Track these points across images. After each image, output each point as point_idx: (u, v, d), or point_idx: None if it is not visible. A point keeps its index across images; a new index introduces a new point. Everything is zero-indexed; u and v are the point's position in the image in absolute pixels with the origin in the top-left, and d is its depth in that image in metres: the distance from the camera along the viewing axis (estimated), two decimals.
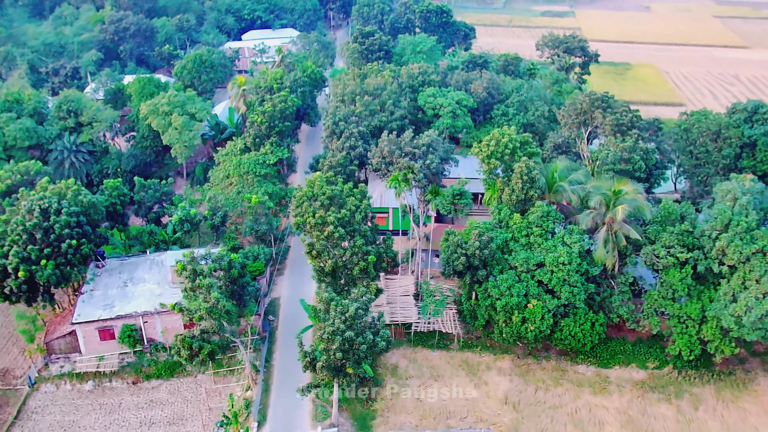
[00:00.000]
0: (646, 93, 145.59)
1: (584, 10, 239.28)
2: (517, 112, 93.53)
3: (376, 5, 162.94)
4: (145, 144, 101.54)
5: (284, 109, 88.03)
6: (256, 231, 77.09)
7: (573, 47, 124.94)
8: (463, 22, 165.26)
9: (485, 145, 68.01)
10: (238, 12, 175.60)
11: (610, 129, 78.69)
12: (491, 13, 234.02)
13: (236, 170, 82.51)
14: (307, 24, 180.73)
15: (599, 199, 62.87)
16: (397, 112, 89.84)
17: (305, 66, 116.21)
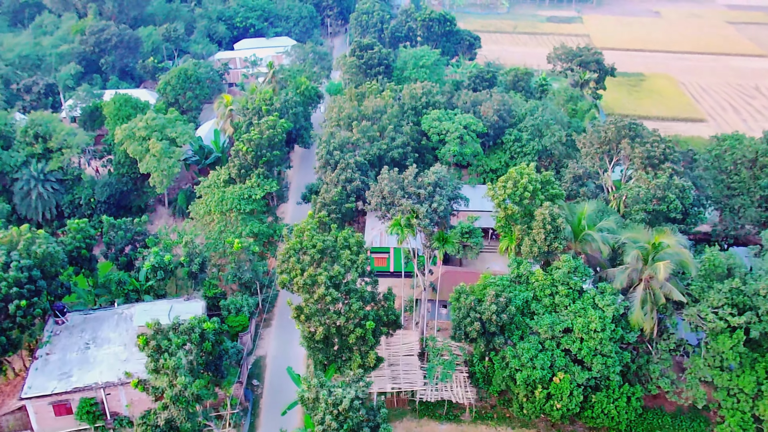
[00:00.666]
0: (664, 107, 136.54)
1: (591, 15, 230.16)
2: (531, 138, 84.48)
3: (375, 13, 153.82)
4: (122, 171, 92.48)
5: (273, 137, 78.96)
6: (239, 278, 68.02)
7: (588, 60, 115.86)
8: (468, 30, 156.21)
9: (501, 187, 58.91)
10: (230, 20, 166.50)
11: (639, 162, 69.59)
12: (495, 18, 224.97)
13: (218, 207, 73.40)
14: (303, 32, 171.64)
15: (636, 254, 53.77)
16: (398, 138, 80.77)
17: (299, 82, 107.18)
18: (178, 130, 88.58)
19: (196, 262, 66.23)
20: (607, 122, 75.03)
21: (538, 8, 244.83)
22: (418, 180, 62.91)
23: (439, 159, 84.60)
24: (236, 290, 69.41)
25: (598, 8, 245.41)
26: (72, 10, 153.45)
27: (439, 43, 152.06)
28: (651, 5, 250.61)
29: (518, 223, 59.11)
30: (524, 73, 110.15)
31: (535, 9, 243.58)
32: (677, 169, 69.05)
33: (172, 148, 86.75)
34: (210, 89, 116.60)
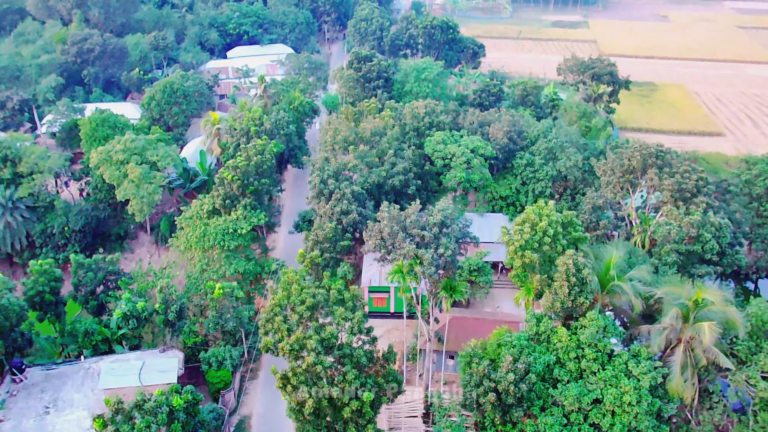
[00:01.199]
0: (679, 120, 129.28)
1: (598, 20, 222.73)
2: (544, 162, 77.21)
3: (374, 20, 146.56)
4: (99, 196, 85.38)
5: (261, 163, 71.69)
6: (222, 326, 60.77)
7: (601, 73, 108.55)
8: (472, 38, 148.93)
9: (517, 231, 51.58)
10: (222, 26, 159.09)
11: (669, 195, 62.31)
12: (498, 23, 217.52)
13: (199, 243, 66.11)
14: (299, 39, 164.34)
15: (676, 313, 46.50)
16: (399, 164, 73.51)
17: (292, 97, 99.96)
18: (160, 152, 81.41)
19: (173, 309, 58.99)
20: (631, 148, 67.73)
21: (542, 12, 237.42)
22: (422, 220, 55.65)
23: (444, 185, 77.39)
24: (218, 338, 62.13)
25: (604, 12, 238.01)
26: (56, 17, 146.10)
27: (442, 51, 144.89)
28: (658, 9, 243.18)
29: (537, 273, 51.82)
30: (533, 87, 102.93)
31: (539, 13, 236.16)
32: (711, 204, 61.79)
33: (153, 173, 79.59)
34: (198, 103, 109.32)
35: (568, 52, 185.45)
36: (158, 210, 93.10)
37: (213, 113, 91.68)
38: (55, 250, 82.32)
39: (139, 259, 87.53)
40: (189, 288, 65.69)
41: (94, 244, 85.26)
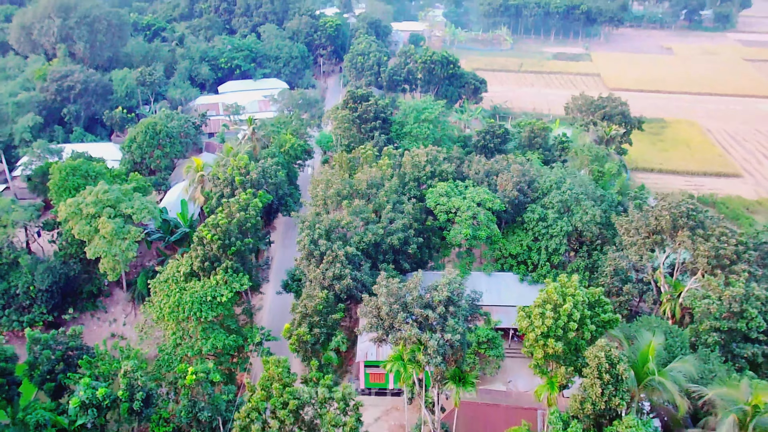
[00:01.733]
0: (694, 160, 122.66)
1: (600, 52, 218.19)
2: (558, 216, 69.99)
3: (371, 55, 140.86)
4: (70, 251, 77.82)
5: (245, 221, 64.32)
6: (195, 414, 52.75)
7: (612, 113, 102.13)
8: (473, 73, 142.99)
9: (537, 316, 44.03)
10: (214, 60, 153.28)
11: (705, 262, 54.97)
12: (499, 56, 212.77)
13: (172, 315, 58.38)
14: (294, 73, 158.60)
15: (732, 422, 38.81)
16: (398, 220, 66.21)
17: (283, 140, 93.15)
18: (136, 204, 74.06)
19: (139, 397, 51.05)
20: (658, 206, 60.62)
21: (543, 44, 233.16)
22: (426, 296, 48.13)
23: (448, 242, 70.01)
24: (192, 428, 54.04)
25: (606, 44, 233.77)
26: (40, 52, 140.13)
27: (442, 86, 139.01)
28: (661, 41, 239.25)
29: (562, 364, 44.18)
30: (541, 129, 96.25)
31: (539, 45, 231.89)
32: (754, 273, 54.43)
33: (127, 227, 72.17)
34: (184, 145, 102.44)
35: (571, 86, 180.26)
36: (136, 263, 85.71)
37: (196, 159, 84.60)
38: (19, 311, 74.60)
39: (113, 319, 79.79)
40: (160, 365, 57.83)
41: (63, 304, 77.58)
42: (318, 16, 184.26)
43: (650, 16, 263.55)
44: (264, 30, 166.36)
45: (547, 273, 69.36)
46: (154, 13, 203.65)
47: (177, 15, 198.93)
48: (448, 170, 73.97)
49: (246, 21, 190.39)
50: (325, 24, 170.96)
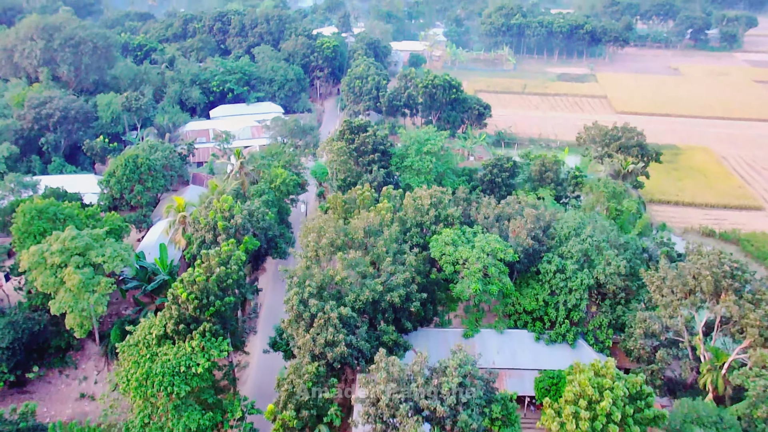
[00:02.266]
0: (712, 191, 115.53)
1: (606, 73, 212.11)
2: (579, 267, 62.55)
3: (370, 78, 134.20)
4: (36, 302, 70.28)
5: (225, 276, 56.82)
6: None
7: (629, 144, 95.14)
8: (476, 98, 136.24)
9: (570, 417, 36.42)
10: (205, 83, 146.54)
11: (757, 333, 47.45)
12: (502, 76, 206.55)
13: (139, 390, 50.61)
14: (289, 96, 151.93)
15: None
16: (399, 273, 58.71)
17: (274, 175, 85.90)
18: (108, 251, 66.57)
19: None
20: (696, 263, 53.15)
21: (547, 64, 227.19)
22: (433, 382, 40.56)
23: (455, 296, 62.50)
24: None
25: (612, 65, 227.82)
26: (22, 75, 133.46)
27: (444, 111, 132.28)
28: (667, 61, 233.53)
29: None
30: (552, 162, 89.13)
31: (543, 65, 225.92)
32: None
33: (97, 278, 64.69)
34: (168, 178, 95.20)
35: (577, 108, 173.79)
36: (111, 312, 78.19)
37: (178, 198, 77.19)
38: None
39: (83, 377, 71.96)
40: None
41: (28, 361, 69.82)
42: (315, 37, 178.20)
43: (655, 36, 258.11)
44: (258, 51, 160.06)
45: (567, 331, 61.84)
46: (147, 33, 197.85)
47: (170, 35, 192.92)
48: (455, 215, 66.60)
49: (241, 41, 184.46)
50: (322, 45, 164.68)
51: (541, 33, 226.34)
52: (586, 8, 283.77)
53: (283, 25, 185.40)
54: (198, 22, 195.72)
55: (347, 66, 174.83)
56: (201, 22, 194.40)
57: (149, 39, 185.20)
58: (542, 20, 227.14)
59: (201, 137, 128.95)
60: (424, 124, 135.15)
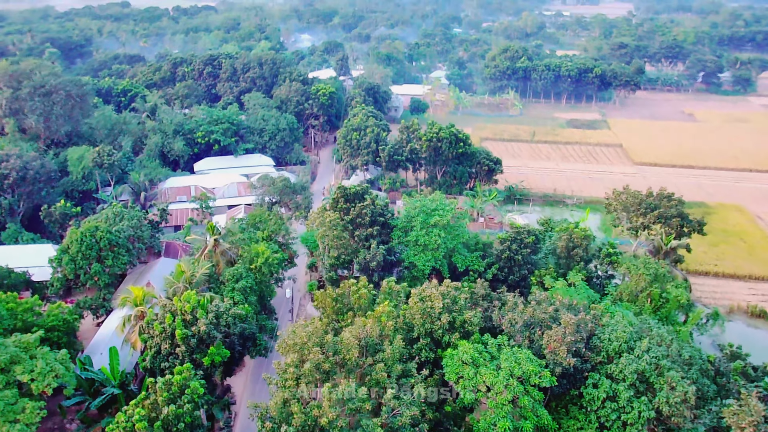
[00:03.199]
0: (755, 260, 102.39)
1: (617, 119, 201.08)
2: (635, 395, 48.77)
3: (368, 130, 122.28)
4: None
5: (175, 419, 42.99)
6: None
7: (668, 215, 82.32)
8: (486, 151, 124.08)
9: None
10: (190, 133, 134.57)
11: None
12: (508, 122, 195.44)
13: None
14: (281, 147, 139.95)
15: None
16: (405, 410, 44.87)
17: (255, 252, 72.67)
18: (38, 365, 52.91)
19: None
20: None
21: (554, 109, 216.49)
22: None
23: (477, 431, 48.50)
24: None
25: (622, 110, 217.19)
26: None
27: (450, 165, 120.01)
28: (680, 105, 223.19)
29: None
30: (582, 237, 76.03)
31: (550, 110, 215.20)
32: None
33: (22, 403, 50.92)
34: (133, 254, 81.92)
35: (591, 159, 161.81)
36: (52, 427, 64.03)
37: (134, 288, 63.70)
38: None
39: None
40: None
41: None
42: (311, 81, 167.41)
43: (665, 79, 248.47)
44: (248, 99, 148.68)
45: None
46: (134, 77, 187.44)
47: (158, 79, 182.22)
48: (473, 320, 53.04)
49: (231, 86, 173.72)
50: (317, 91, 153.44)
51: (548, 77, 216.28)
52: (592, 51, 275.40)
53: (276, 69, 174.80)
54: (187, 65, 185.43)
55: (345, 113, 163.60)
56: (190, 66, 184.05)
57: (135, 84, 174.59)
58: (549, 63, 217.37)
59: (181, 195, 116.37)
60: (428, 179, 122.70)
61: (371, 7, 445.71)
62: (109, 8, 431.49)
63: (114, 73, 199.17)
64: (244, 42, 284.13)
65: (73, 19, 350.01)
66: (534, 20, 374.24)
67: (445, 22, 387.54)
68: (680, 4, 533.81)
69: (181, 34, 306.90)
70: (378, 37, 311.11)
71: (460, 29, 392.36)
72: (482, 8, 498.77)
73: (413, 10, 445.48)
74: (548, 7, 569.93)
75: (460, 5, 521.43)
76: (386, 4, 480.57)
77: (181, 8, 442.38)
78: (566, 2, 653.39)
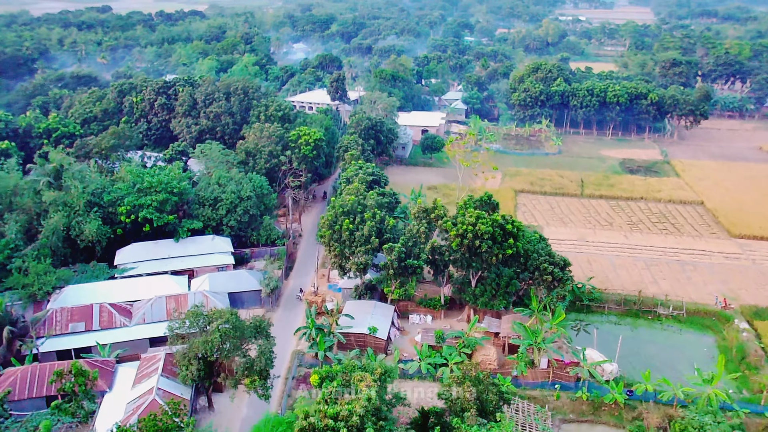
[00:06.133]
0: None
1: (683, 159, 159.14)
2: None
3: (366, 215, 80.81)
4: None
5: None
6: None
7: None
8: (547, 249, 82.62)
9: None
10: (111, 206, 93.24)
11: None
12: (545, 163, 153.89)
13: None
14: (245, 222, 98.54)
15: None
16: None
17: None
18: None
19: None
20: None
21: (599, 144, 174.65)
22: None
23: None
24: None
25: (683, 144, 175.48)
26: None
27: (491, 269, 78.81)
28: (752, 138, 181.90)
29: None
30: None
31: (594, 145, 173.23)
32: None
33: None
34: None
35: (668, 225, 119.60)
36: None
37: None
38: None
39: None
40: None
41: None
42: (292, 119, 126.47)
43: (726, 102, 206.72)
44: (201, 152, 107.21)
45: None
46: (70, 107, 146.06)
47: (99, 111, 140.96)
48: None
49: (190, 124, 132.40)
50: (298, 139, 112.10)
51: (591, 104, 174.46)
52: (633, 67, 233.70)
53: (248, 102, 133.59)
54: (137, 93, 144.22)
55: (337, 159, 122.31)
56: (140, 95, 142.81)
57: (66, 120, 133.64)
58: (592, 87, 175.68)
59: (78, 322, 75.39)
60: (457, 287, 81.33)
61: (373, 13, 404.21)
62: (86, 14, 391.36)
63: (50, 100, 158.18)
64: (225, 55, 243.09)
65: (35, 28, 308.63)
66: (556, 28, 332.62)
67: (455, 29, 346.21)
68: (704, 9, 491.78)
69: (154, 46, 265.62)
70: (381, 49, 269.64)
71: (472, 38, 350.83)
72: (493, 13, 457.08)
73: (419, 15, 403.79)
74: (562, 11, 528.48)
75: (469, 10, 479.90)
76: (390, 9, 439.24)
77: (164, 13, 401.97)
78: (579, 6, 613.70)
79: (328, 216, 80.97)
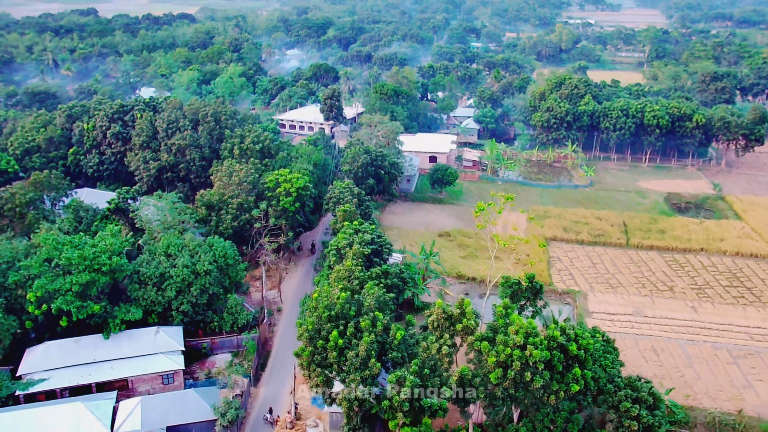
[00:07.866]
0: None
1: (739, 195, 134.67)
2: None
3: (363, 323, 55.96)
4: None
5: None
6: None
7: None
8: (627, 376, 57.85)
9: None
10: (20, 290, 68.59)
11: None
12: (576, 199, 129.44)
13: None
14: (202, 305, 73.78)
15: None
16: None
17: None
18: None
19: None
20: None
21: (635, 173, 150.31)
22: None
23: None
24: None
25: (732, 174, 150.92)
26: None
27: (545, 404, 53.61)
28: None
29: None
30: None
31: (630, 175, 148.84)
32: None
33: None
34: None
35: (744, 290, 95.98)
36: None
37: None
38: None
39: None
40: None
41: None
42: (274, 153, 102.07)
43: None
44: (145, 207, 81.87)
45: None
46: (9, 136, 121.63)
47: (43, 141, 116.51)
48: None
49: (147, 159, 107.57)
50: (275, 186, 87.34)
51: (626, 126, 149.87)
52: (665, 80, 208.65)
53: (221, 131, 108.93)
54: (89, 119, 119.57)
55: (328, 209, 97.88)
56: (92, 121, 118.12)
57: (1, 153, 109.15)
58: (627, 108, 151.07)
59: None
60: (494, 424, 56.59)
61: (373, 17, 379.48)
62: (67, 17, 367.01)
63: None
64: (210, 65, 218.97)
65: (4, 34, 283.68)
66: (569, 34, 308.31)
67: (460, 34, 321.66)
68: (718, 13, 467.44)
69: (131, 54, 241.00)
70: (381, 57, 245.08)
71: (479, 43, 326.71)
72: (498, 16, 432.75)
73: (421, 19, 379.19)
74: (569, 14, 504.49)
75: (473, 12, 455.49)
76: (390, 12, 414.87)
77: (151, 17, 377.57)
78: (584, 8, 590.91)
79: (307, 323, 56.10)
